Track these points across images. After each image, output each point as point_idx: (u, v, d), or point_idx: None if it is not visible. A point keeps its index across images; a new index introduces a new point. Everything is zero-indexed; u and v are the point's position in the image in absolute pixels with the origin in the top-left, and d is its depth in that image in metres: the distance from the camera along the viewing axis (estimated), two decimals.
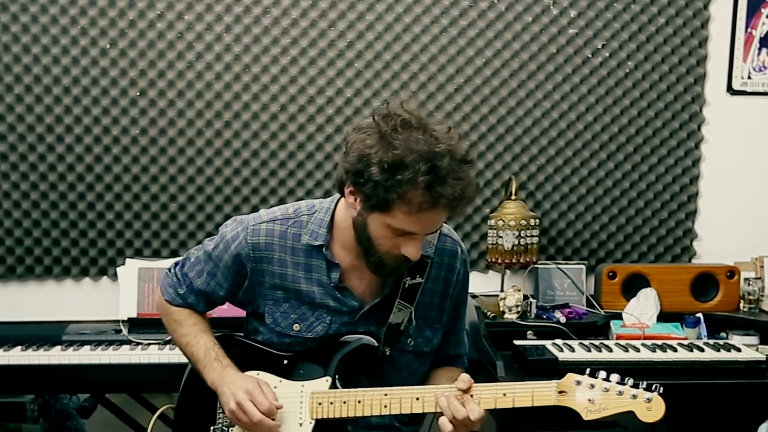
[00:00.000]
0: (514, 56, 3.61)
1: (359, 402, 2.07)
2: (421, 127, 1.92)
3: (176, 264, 2.36)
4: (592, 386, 1.92)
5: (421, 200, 1.88)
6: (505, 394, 1.99)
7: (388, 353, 2.16)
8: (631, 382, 1.90)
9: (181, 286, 2.30)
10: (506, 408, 1.99)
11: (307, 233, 2.16)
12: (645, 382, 1.89)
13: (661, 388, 1.88)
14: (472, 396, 2.00)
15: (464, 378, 2.02)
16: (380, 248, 2.01)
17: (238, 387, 2.08)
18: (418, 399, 2.05)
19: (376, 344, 2.15)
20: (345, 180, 2.00)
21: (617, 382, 1.90)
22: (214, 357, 2.18)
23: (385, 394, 2.07)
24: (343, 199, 2.11)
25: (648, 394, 1.87)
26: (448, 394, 2.01)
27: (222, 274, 2.23)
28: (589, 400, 1.90)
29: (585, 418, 1.91)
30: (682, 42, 3.65)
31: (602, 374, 1.93)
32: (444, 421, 1.99)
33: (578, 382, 1.93)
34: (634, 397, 1.87)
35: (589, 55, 3.64)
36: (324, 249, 2.14)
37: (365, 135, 1.94)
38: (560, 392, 1.94)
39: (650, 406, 1.86)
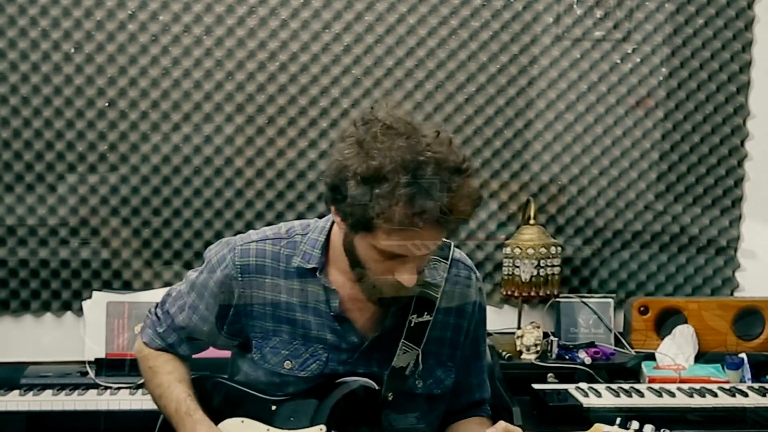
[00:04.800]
0: (532, 62, 3.67)
1: None
2: (405, 133, 1.88)
3: (157, 304, 2.39)
4: None
5: (402, 217, 1.83)
6: None
7: (390, 399, 2.18)
8: None
9: (161, 324, 2.33)
10: None
11: (299, 254, 2.17)
12: None
13: None
14: None
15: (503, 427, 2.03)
16: (372, 274, 2.01)
17: None
18: None
19: (377, 388, 2.16)
20: (327, 197, 2.02)
21: None
22: (185, 411, 2.17)
23: None
24: None
25: None
26: None
27: (206, 305, 2.25)
28: None
29: None
30: (723, 46, 3.71)
31: (635, 424, 1.97)
32: None
33: None
34: None
35: (618, 61, 3.70)
36: (318, 273, 2.15)
37: (345, 144, 1.94)
38: None
39: None
